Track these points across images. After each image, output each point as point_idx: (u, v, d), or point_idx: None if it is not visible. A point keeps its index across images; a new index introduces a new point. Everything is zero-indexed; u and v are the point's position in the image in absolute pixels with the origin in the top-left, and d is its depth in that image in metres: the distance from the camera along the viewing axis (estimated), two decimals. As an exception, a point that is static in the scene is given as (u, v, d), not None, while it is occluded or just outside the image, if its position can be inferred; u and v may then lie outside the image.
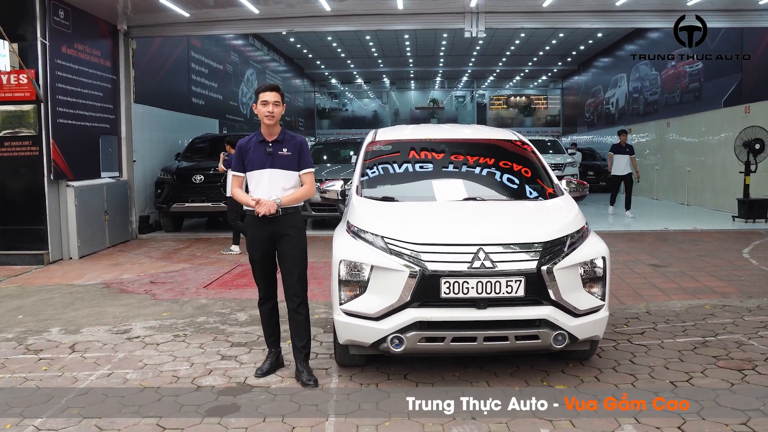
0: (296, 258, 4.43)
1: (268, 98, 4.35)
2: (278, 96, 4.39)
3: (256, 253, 4.46)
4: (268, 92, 4.38)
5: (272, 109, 4.35)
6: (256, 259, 4.48)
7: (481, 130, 6.39)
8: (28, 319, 6.25)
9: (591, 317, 4.21)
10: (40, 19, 9.08)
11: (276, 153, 4.41)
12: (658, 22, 12.97)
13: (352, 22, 12.32)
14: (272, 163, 4.39)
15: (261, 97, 4.37)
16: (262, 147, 4.42)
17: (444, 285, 3.97)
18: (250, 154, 4.43)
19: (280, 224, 4.38)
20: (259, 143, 4.44)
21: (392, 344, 4.05)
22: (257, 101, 4.39)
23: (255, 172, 4.43)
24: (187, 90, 16.15)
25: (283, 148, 4.43)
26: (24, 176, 9.31)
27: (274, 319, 4.64)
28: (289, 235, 4.40)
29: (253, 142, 4.47)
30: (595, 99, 27.79)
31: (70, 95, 9.79)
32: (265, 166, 4.39)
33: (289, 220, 4.40)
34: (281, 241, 4.41)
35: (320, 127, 37.04)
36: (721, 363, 4.68)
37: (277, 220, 4.36)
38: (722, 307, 6.30)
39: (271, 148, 4.41)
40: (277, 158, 4.41)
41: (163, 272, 8.52)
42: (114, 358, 5.02)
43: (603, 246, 4.42)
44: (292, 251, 4.41)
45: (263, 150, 4.41)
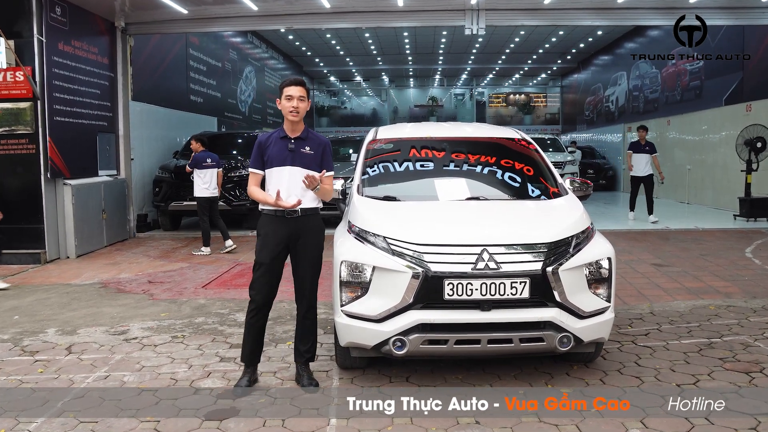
0: (313, 261, 4.26)
1: (292, 93, 4.17)
2: (303, 91, 4.21)
3: (267, 255, 4.17)
4: (293, 87, 4.18)
5: (297, 104, 4.17)
6: (265, 262, 4.17)
7: (483, 128, 6.31)
8: (25, 319, 6.16)
9: (596, 319, 4.14)
10: (36, 16, 8.98)
11: (298, 150, 4.22)
12: (659, 20, 12.88)
13: (351, 19, 12.22)
14: (293, 160, 4.20)
15: (285, 92, 4.18)
16: (284, 143, 4.24)
17: (447, 286, 3.89)
18: (270, 150, 4.23)
19: (300, 225, 4.20)
20: (281, 139, 4.25)
21: (394, 347, 3.97)
22: (281, 96, 4.21)
23: (275, 169, 4.22)
24: (186, 87, 16.05)
25: (305, 146, 4.25)
26: (20, 175, 9.21)
27: (262, 334, 4.33)
28: (308, 237, 4.22)
29: (274, 138, 4.28)
30: (594, 97, 27.73)
31: (67, 93, 9.69)
32: (286, 164, 4.20)
33: (309, 221, 4.24)
34: (299, 243, 4.21)
35: (319, 125, 36.93)
36: (728, 365, 4.62)
37: (297, 220, 4.19)
38: (727, 308, 6.23)
39: (293, 144, 4.22)
40: (299, 156, 4.22)
41: (161, 271, 8.44)
42: (111, 359, 4.94)
43: (608, 246, 4.35)
44: (310, 254, 4.24)
45: (285, 146, 4.22)
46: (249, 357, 4.31)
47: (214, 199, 9.84)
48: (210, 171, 9.66)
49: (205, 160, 9.63)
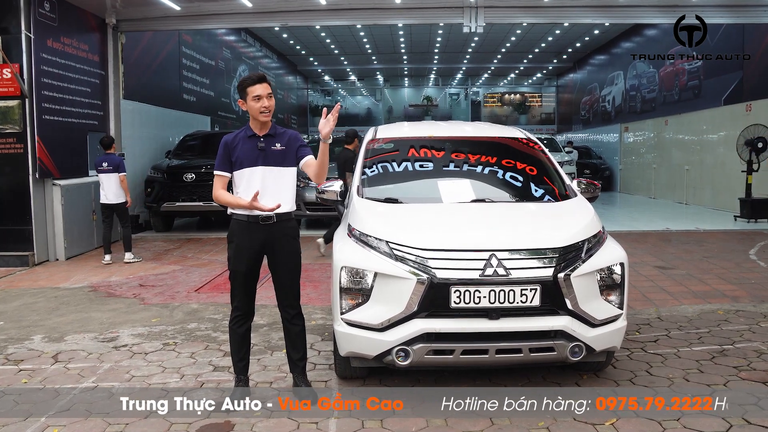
0: (292, 268, 4.03)
1: (260, 92, 3.87)
2: (268, 87, 3.92)
3: (242, 263, 3.93)
4: (259, 85, 3.87)
5: (267, 103, 3.90)
6: (241, 270, 3.94)
7: (486, 127, 6.09)
8: (10, 325, 5.93)
9: (609, 327, 3.94)
10: (24, 12, 8.73)
11: (269, 148, 3.94)
12: (659, 18, 12.74)
13: (347, 16, 12.03)
14: (265, 159, 3.93)
15: (251, 92, 3.87)
16: (253, 142, 3.95)
17: (454, 294, 3.68)
18: (239, 151, 3.94)
19: (275, 231, 3.94)
20: (249, 138, 3.97)
21: (398, 357, 3.76)
22: (246, 97, 3.91)
23: (245, 170, 3.91)
24: (178, 86, 15.82)
25: (275, 143, 3.97)
26: (8, 175, 8.97)
27: (248, 342, 4.11)
28: (284, 244, 3.97)
29: (241, 137, 3.98)
30: (590, 97, 27.61)
31: (56, 91, 9.44)
32: (257, 164, 3.92)
33: (284, 227, 3.97)
34: (275, 250, 3.97)
35: (313, 124, 36.64)
36: (744, 374, 4.43)
37: (272, 227, 3.92)
38: (735, 312, 6.06)
39: (263, 143, 3.95)
40: (271, 154, 3.94)
41: (152, 274, 8.21)
42: (99, 369, 4.71)
43: (621, 251, 4.15)
44: (287, 261, 4.00)
45: (254, 145, 3.94)
46: (238, 365, 4.10)
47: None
48: (104, 176, 8.95)
49: (101, 164, 8.99)
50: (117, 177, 8.97)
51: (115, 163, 8.99)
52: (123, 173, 9.03)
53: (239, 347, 4.08)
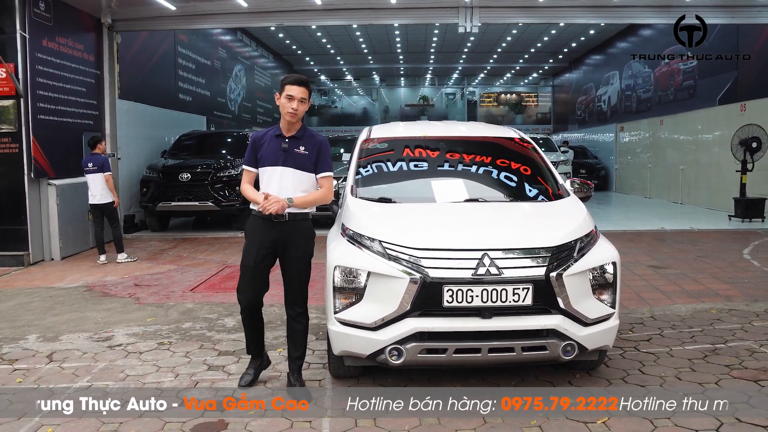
0: (302, 269, 4.06)
1: (294, 93, 3.92)
2: (306, 92, 3.96)
3: (251, 258, 4.00)
4: (296, 87, 3.93)
5: (297, 106, 3.93)
6: (249, 264, 4.00)
7: (480, 127, 6.12)
8: (4, 325, 5.93)
9: (601, 326, 3.97)
10: (19, 11, 8.72)
11: (291, 150, 3.99)
12: (655, 18, 12.77)
13: (343, 16, 12.03)
14: (285, 160, 3.98)
15: (287, 90, 3.93)
16: (278, 141, 4.01)
17: (447, 293, 3.70)
18: (264, 149, 4.02)
19: (287, 230, 3.98)
20: (275, 137, 4.04)
21: (391, 356, 3.78)
22: (281, 92, 3.96)
23: (267, 169, 4.00)
24: (174, 86, 15.79)
25: (300, 145, 4.01)
26: (3, 175, 8.97)
27: (259, 328, 4.25)
28: (296, 243, 4.01)
29: (269, 136, 4.06)
30: (586, 96, 27.64)
31: (51, 90, 9.44)
32: (278, 164, 3.98)
33: (297, 227, 4.01)
34: (286, 249, 4.01)
35: (309, 124, 36.63)
36: (735, 373, 4.46)
37: (284, 225, 3.97)
38: (728, 311, 6.09)
39: (287, 143, 3.99)
40: (292, 156, 3.99)
41: (148, 274, 8.21)
42: (94, 368, 4.72)
43: (613, 251, 4.17)
44: (298, 262, 4.03)
45: (278, 145, 4.00)
46: (251, 346, 4.28)
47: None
48: (90, 176, 9.00)
49: (86, 165, 9.01)
50: (102, 177, 8.93)
51: (99, 162, 8.96)
52: (108, 173, 9.00)
53: (250, 325, 4.23)
